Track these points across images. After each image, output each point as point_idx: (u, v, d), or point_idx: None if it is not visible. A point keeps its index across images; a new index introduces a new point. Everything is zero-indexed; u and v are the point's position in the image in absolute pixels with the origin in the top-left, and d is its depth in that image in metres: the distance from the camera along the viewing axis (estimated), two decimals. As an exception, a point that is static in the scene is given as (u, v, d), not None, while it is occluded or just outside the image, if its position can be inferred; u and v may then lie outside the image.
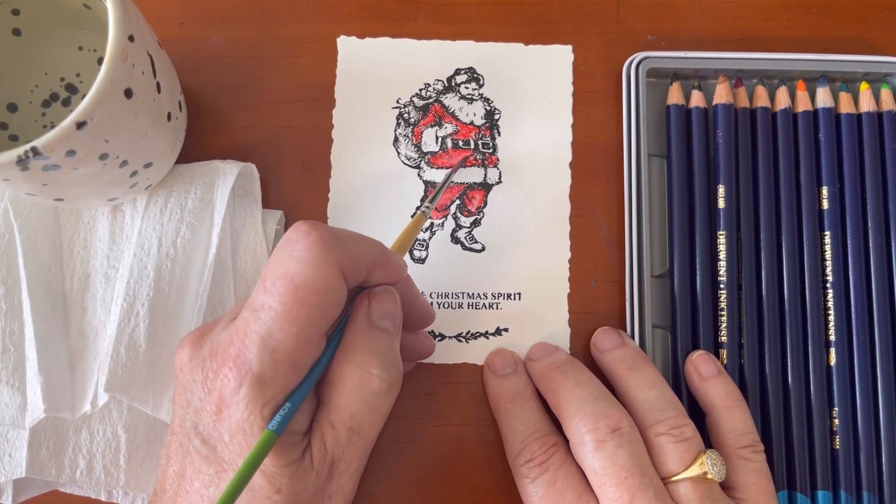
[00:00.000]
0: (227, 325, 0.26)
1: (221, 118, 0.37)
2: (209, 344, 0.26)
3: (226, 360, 0.24)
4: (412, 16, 0.39)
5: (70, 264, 0.34)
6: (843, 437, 0.34)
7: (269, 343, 0.24)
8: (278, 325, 0.24)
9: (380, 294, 0.28)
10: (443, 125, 0.38)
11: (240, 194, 0.36)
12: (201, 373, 0.25)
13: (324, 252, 0.25)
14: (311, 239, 0.25)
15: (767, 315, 0.35)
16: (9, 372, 0.31)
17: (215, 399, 0.25)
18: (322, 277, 0.24)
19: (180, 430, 0.26)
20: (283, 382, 0.24)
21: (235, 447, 0.24)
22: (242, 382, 0.24)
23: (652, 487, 0.28)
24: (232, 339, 0.25)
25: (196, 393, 0.25)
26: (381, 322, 0.27)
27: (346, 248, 0.26)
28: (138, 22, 0.29)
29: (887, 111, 0.37)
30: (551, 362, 0.33)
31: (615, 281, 0.36)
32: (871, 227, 0.36)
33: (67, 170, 0.27)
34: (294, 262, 0.24)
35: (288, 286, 0.24)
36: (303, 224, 0.25)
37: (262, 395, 0.24)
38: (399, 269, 0.28)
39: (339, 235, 0.26)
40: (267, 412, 0.24)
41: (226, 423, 0.24)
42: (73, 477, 0.32)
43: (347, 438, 0.26)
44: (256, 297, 0.25)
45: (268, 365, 0.24)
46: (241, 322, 0.25)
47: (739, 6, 0.39)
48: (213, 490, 0.25)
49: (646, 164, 0.36)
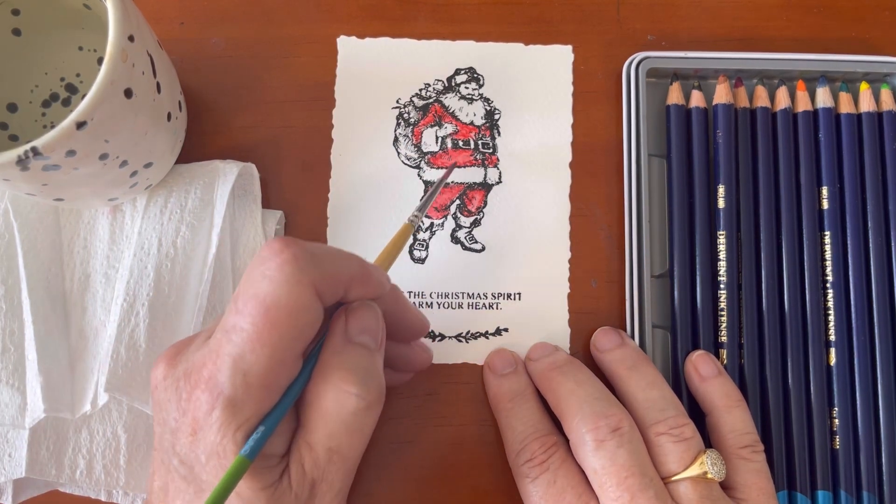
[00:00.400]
0: (201, 345, 0.25)
1: (221, 118, 0.37)
2: (184, 363, 0.25)
3: (198, 381, 0.24)
4: (412, 16, 0.39)
5: (70, 264, 0.34)
6: (843, 437, 0.34)
7: (241, 365, 0.23)
8: (250, 347, 0.23)
9: (357, 309, 0.27)
10: (443, 125, 0.38)
11: (240, 194, 0.36)
12: (175, 393, 0.25)
13: (296, 271, 0.24)
14: (284, 257, 0.24)
15: (767, 315, 0.35)
16: (9, 372, 0.31)
17: (189, 421, 0.24)
18: (294, 298, 0.24)
19: (160, 447, 0.26)
20: (256, 405, 0.24)
21: (212, 469, 0.24)
22: (215, 406, 0.24)
23: (652, 487, 0.28)
24: (205, 361, 0.24)
25: (171, 413, 0.25)
26: (359, 338, 0.26)
27: (321, 266, 0.25)
28: (138, 22, 0.29)
29: (887, 111, 0.37)
30: (551, 362, 0.33)
31: (615, 281, 0.36)
32: (871, 227, 0.36)
33: (67, 170, 0.27)
34: (266, 281, 0.24)
35: (259, 307, 0.23)
36: (275, 241, 0.24)
37: (234, 419, 0.24)
38: (380, 284, 0.27)
39: (313, 252, 0.25)
40: (240, 436, 0.24)
41: (201, 445, 0.24)
42: (73, 477, 0.32)
43: (327, 459, 0.25)
44: (228, 318, 0.24)
45: (240, 388, 0.23)
46: (213, 343, 0.24)
47: (739, 6, 0.39)
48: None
49: (646, 164, 0.36)
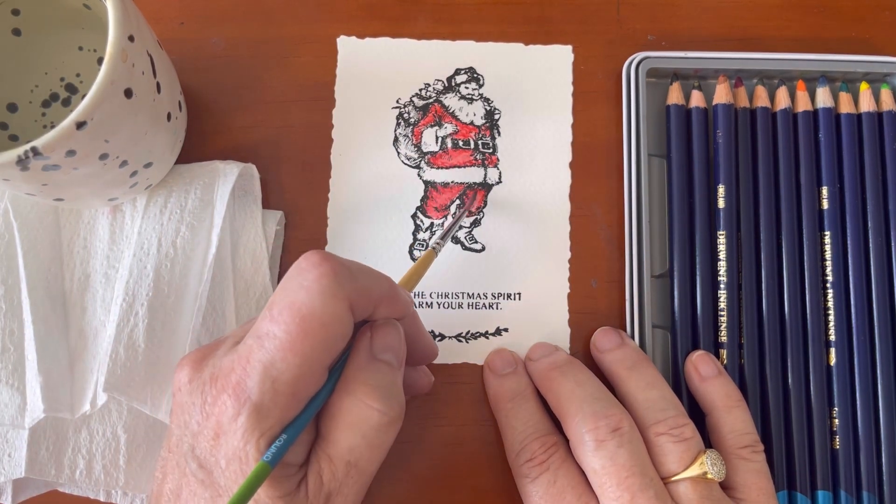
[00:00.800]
0: (229, 350, 0.26)
1: (221, 118, 0.37)
2: (210, 367, 0.25)
3: (226, 386, 0.24)
4: (412, 16, 0.39)
5: (70, 264, 0.34)
6: (843, 437, 0.34)
7: (271, 373, 0.24)
8: (282, 356, 0.24)
9: (382, 326, 0.27)
10: (443, 125, 0.38)
11: (240, 195, 0.36)
12: (200, 396, 0.25)
13: (334, 284, 0.24)
14: (322, 270, 0.24)
15: (767, 315, 0.35)
16: (8, 372, 0.31)
17: (213, 425, 0.24)
18: (330, 310, 0.24)
19: (177, 449, 0.26)
20: (282, 413, 0.24)
21: (231, 474, 0.24)
22: (241, 411, 0.24)
23: (652, 487, 0.28)
24: (233, 366, 0.24)
25: (194, 416, 0.25)
26: (382, 355, 0.27)
27: (356, 282, 0.25)
28: (138, 22, 0.29)
29: (887, 111, 0.37)
30: (551, 362, 0.33)
31: (615, 281, 0.36)
32: (871, 227, 0.36)
33: (67, 170, 0.27)
34: (304, 292, 0.24)
35: (295, 316, 0.24)
36: (314, 254, 0.25)
37: (259, 426, 0.24)
38: (406, 304, 0.28)
39: (349, 268, 0.25)
40: (263, 443, 0.24)
41: (223, 450, 0.24)
42: (73, 477, 0.32)
43: (345, 472, 0.25)
44: (262, 325, 0.24)
45: (268, 395, 0.24)
46: (243, 349, 0.24)
47: (739, 6, 0.39)
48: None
49: (646, 164, 0.36)
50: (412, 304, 0.29)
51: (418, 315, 0.30)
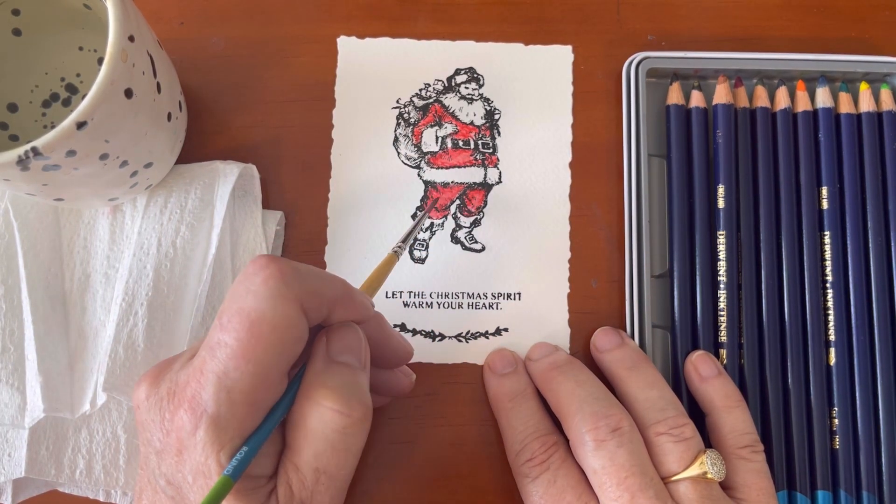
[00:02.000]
0: (185, 364, 0.25)
1: (221, 118, 0.37)
2: (167, 382, 0.25)
3: (182, 401, 0.24)
4: (412, 16, 0.39)
5: (70, 264, 0.34)
6: (842, 437, 0.34)
7: (225, 383, 0.23)
8: (234, 364, 0.23)
9: (338, 329, 0.26)
10: (443, 125, 0.38)
11: (240, 195, 0.36)
12: (159, 413, 0.25)
13: (282, 286, 0.24)
14: (269, 272, 0.24)
15: (767, 315, 0.35)
16: (8, 372, 0.31)
17: (174, 441, 0.24)
18: (280, 313, 0.23)
19: (146, 467, 0.26)
20: (241, 424, 0.24)
21: (199, 489, 0.24)
22: (198, 425, 0.23)
23: (652, 487, 0.28)
24: (188, 380, 0.24)
25: (155, 434, 0.25)
26: (340, 357, 0.26)
27: (306, 283, 0.24)
28: (138, 22, 0.29)
29: (887, 111, 0.37)
30: (551, 362, 0.33)
31: (615, 281, 0.36)
32: (871, 227, 0.36)
33: (67, 170, 0.27)
34: (251, 296, 0.23)
35: (244, 322, 0.23)
36: (261, 258, 0.24)
37: (218, 439, 0.23)
38: (364, 307, 0.27)
39: (298, 269, 0.24)
40: (224, 456, 0.23)
41: (187, 465, 0.24)
42: (73, 477, 0.32)
43: (314, 480, 0.25)
44: (213, 335, 0.24)
45: (224, 406, 0.23)
46: (197, 361, 0.24)
47: (739, 6, 0.39)
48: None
49: (646, 164, 0.36)
50: (371, 307, 0.28)
51: (383, 317, 0.29)
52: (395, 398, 0.34)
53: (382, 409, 0.35)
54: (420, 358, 0.35)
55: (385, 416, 0.35)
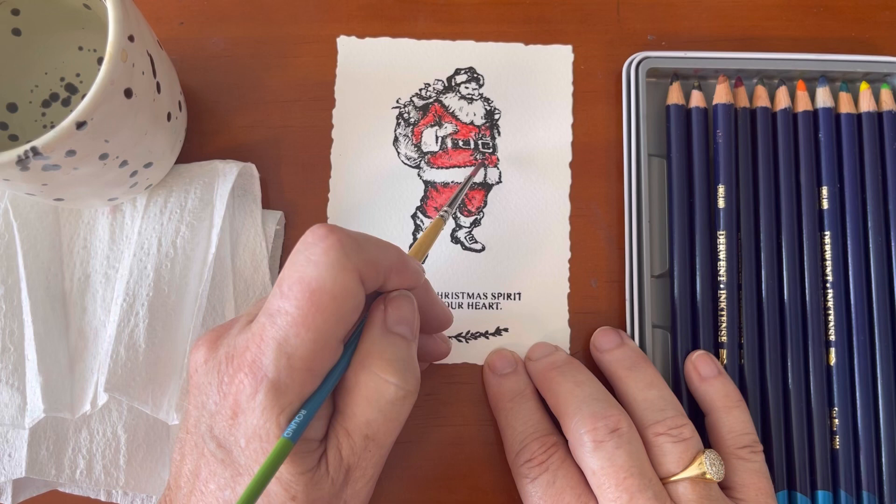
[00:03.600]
0: (243, 329, 0.26)
1: (221, 118, 0.37)
2: (225, 347, 0.26)
3: (241, 365, 0.24)
4: (412, 16, 0.39)
5: (70, 264, 0.34)
6: (843, 437, 0.34)
7: (286, 349, 0.24)
8: (295, 331, 0.24)
9: (396, 299, 0.27)
10: (443, 125, 0.38)
11: (239, 194, 0.36)
12: (216, 376, 0.25)
13: (342, 256, 0.24)
14: (329, 242, 0.24)
15: (767, 315, 0.35)
16: (8, 372, 0.31)
17: (230, 404, 0.24)
18: (340, 283, 0.24)
19: (195, 430, 0.26)
20: (300, 389, 0.24)
21: (251, 453, 0.24)
22: (258, 389, 0.24)
23: (651, 488, 0.28)
24: (248, 345, 0.24)
25: (211, 396, 0.25)
26: (397, 328, 0.27)
27: (364, 253, 0.25)
28: (138, 22, 0.29)
29: (887, 111, 0.37)
30: (551, 362, 0.33)
31: (615, 281, 0.36)
32: (871, 227, 0.36)
33: (67, 170, 0.27)
34: (311, 266, 0.24)
35: (304, 291, 0.24)
36: (320, 227, 0.25)
37: (278, 403, 0.24)
38: (417, 274, 0.28)
39: (356, 239, 0.25)
40: (283, 419, 0.24)
41: (241, 428, 0.24)
42: (73, 477, 0.32)
43: (363, 446, 0.25)
44: (273, 302, 0.24)
45: (284, 371, 0.24)
46: (257, 327, 0.24)
47: (739, 6, 0.39)
48: (228, 493, 0.25)
49: (646, 164, 0.36)
50: (423, 274, 0.29)
51: (430, 283, 0.30)
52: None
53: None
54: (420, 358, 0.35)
55: (385, 416, 0.35)
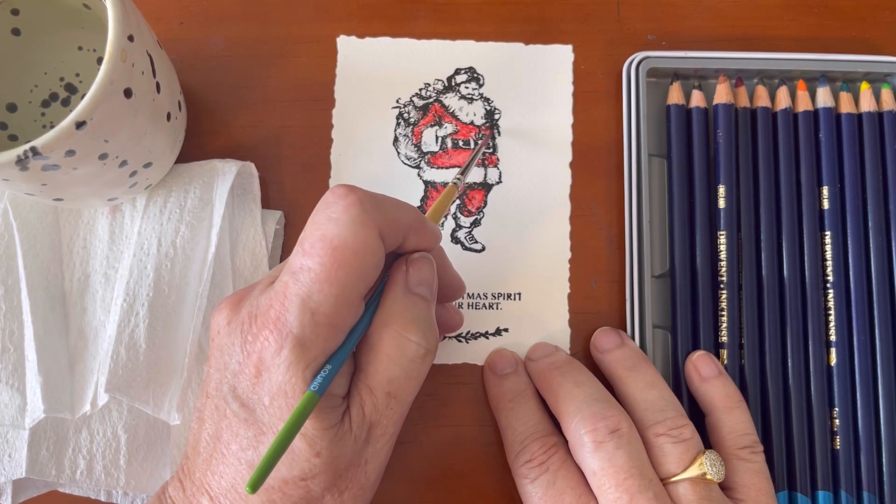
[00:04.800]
0: (265, 289, 0.26)
1: (221, 118, 0.37)
2: (247, 307, 0.26)
3: (266, 323, 0.24)
4: (412, 15, 0.39)
5: (69, 264, 0.34)
6: (843, 438, 0.34)
7: (309, 305, 0.24)
8: (318, 287, 0.24)
9: (418, 260, 0.27)
10: (443, 125, 0.38)
11: (239, 193, 0.36)
12: (240, 336, 0.25)
13: (362, 214, 0.24)
14: (350, 201, 0.25)
15: (768, 315, 0.35)
16: (8, 372, 0.31)
17: (254, 362, 0.25)
18: (361, 239, 0.24)
19: (216, 393, 0.26)
20: (324, 345, 0.24)
21: (276, 410, 0.24)
22: (283, 345, 0.24)
23: (651, 488, 0.28)
24: (271, 302, 0.25)
25: (234, 356, 0.25)
26: (418, 289, 0.27)
27: (384, 211, 0.25)
28: (138, 22, 0.29)
29: (888, 111, 0.37)
30: (551, 363, 0.33)
31: (615, 281, 0.36)
32: (872, 227, 0.36)
33: (67, 170, 0.27)
34: (332, 223, 0.24)
35: (327, 248, 0.24)
36: (340, 187, 0.25)
37: (303, 358, 0.24)
38: (435, 235, 0.28)
39: (376, 198, 0.25)
40: (308, 374, 0.24)
41: (266, 386, 0.24)
42: (73, 477, 0.32)
43: (385, 403, 0.26)
44: (295, 260, 0.25)
45: (308, 327, 0.24)
46: (279, 285, 0.25)
47: (740, 6, 0.39)
48: (251, 453, 0.25)
49: (646, 164, 0.36)
50: (440, 236, 0.29)
51: (444, 250, 0.30)
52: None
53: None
54: (420, 358, 0.35)
55: (385, 416, 0.35)
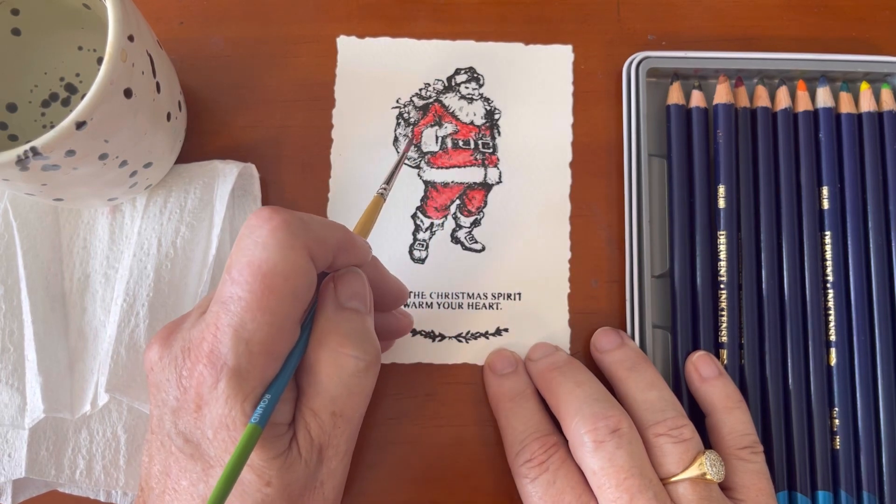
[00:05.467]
0: (196, 321, 0.25)
1: (221, 118, 0.37)
2: (179, 341, 0.25)
3: (199, 356, 0.24)
4: (412, 16, 0.39)
5: (69, 264, 0.34)
6: (843, 438, 0.34)
7: (243, 335, 0.23)
8: (250, 316, 0.23)
9: (344, 275, 0.27)
10: (443, 125, 0.38)
11: (239, 194, 0.36)
12: (175, 371, 0.25)
13: (289, 236, 0.24)
14: (275, 223, 0.24)
15: (768, 315, 0.35)
16: (8, 372, 0.31)
17: (193, 397, 0.24)
18: (290, 262, 0.24)
19: (159, 429, 0.26)
20: (261, 374, 0.24)
21: (220, 443, 0.24)
22: (219, 378, 0.23)
23: (651, 488, 0.28)
24: (203, 335, 0.24)
25: (171, 392, 0.25)
26: (349, 303, 0.27)
27: (311, 231, 0.25)
28: (138, 22, 0.29)
29: (888, 111, 0.37)
30: (551, 362, 0.33)
31: (615, 281, 0.36)
32: (872, 227, 0.36)
33: (67, 170, 0.27)
34: (259, 248, 0.24)
35: (255, 274, 0.23)
36: (264, 209, 0.25)
37: (241, 389, 0.23)
38: (364, 250, 0.28)
39: (302, 218, 0.25)
40: (248, 406, 0.24)
41: (207, 420, 0.24)
42: (73, 477, 0.32)
43: (332, 423, 0.25)
44: (224, 289, 0.24)
45: (243, 357, 0.23)
46: (210, 316, 0.24)
47: (740, 6, 0.39)
48: (202, 487, 0.24)
49: (646, 164, 0.36)
50: (370, 250, 0.29)
51: (378, 260, 0.30)
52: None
53: (382, 409, 0.35)
54: (420, 358, 0.35)
55: (385, 416, 0.35)
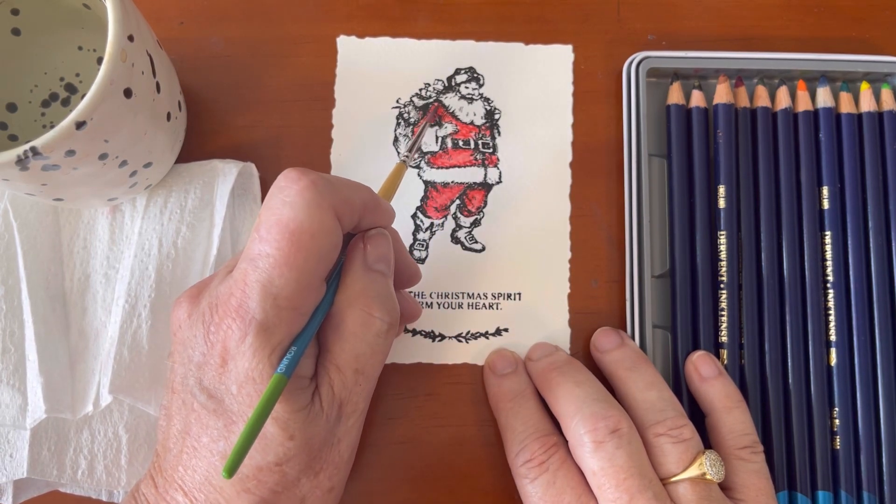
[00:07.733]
0: (224, 278, 0.26)
1: (221, 118, 0.37)
2: (207, 298, 0.26)
3: (227, 311, 0.24)
4: (412, 16, 0.39)
5: (70, 264, 0.34)
6: (843, 438, 0.34)
7: (270, 290, 0.24)
8: (278, 272, 0.24)
9: (374, 237, 0.28)
10: (443, 125, 0.38)
11: (239, 193, 0.36)
12: (202, 327, 0.25)
13: (317, 196, 0.25)
14: (303, 184, 0.25)
15: (768, 315, 0.35)
16: (9, 372, 0.31)
17: (219, 351, 0.25)
18: (317, 221, 0.24)
19: (182, 387, 0.26)
20: (288, 328, 0.25)
21: (244, 397, 0.24)
22: (247, 332, 0.24)
23: (651, 488, 0.28)
24: (232, 291, 0.25)
25: (198, 348, 0.25)
26: (377, 265, 0.27)
27: (338, 192, 0.25)
28: (138, 22, 0.29)
29: (888, 111, 0.37)
30: (551, 362, 0.33)
31: (615, 281, 0.36)
32: (872, 227, 0.36)
33: (67, 170, 0.27)
34: (287, 207, 0.24)
35: (283, 232, 0.24)
36: (292, 171, 0.25)
37: (268, 343, 0.24)
38: (389, 213, 0.29)
39: (329, 179, 0.26)
40: (275, 358, 0.24)
41: (232, 375, 0.24)
42: (75, 477, 0.32)
43: (354, 380, 0.26)
44: (252, 247, 0.25)
45: (271, 312, 0.24)
46: (238, 273, 0.25)
47: (740, 6, 0.39)
48: (222, 444, 0.25)
49: (646, 164, 0.36)
50: (394, 214, 0.29)
51: (399, 233, 0.31)
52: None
53: (382, 409, 0.35)
54: (420, 358, 0.35)
55: (385, 416, 0.35)
